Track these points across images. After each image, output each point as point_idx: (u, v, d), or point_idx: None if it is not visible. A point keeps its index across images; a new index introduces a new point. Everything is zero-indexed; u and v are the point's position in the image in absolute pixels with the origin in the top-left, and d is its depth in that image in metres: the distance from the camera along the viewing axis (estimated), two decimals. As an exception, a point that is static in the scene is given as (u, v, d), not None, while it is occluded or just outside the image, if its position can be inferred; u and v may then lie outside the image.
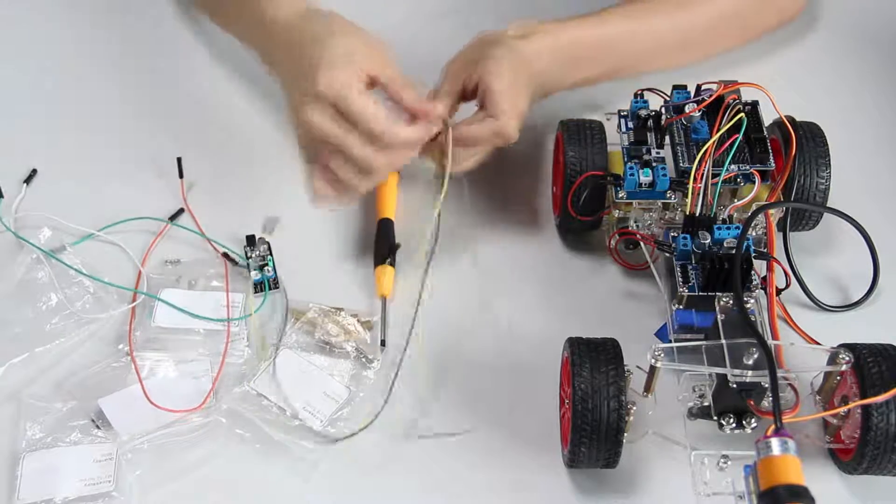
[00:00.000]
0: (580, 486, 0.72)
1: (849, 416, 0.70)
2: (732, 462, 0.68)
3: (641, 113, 0.80)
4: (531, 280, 0.83)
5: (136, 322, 0.79)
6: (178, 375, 0.76)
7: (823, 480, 0.72)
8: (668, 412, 0.71)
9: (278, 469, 0.73)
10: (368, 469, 0.73)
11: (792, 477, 0.59)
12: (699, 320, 0.73)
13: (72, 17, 1.02)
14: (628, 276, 0.83)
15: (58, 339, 0.78)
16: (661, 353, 0.67)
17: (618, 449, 0.68)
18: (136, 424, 0.73)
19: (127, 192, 0.88)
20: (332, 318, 0.79)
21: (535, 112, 0.92)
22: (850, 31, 1.02)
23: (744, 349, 0.67)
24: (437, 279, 0.83)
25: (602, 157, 0.80)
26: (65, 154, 0.91)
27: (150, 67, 0.98)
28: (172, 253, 0.84)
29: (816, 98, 0.94)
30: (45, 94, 0.96)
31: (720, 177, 0.75)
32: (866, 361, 0.68)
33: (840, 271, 0.83)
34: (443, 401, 0.76)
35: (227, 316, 0.79)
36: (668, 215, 0.79)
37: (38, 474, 0.71)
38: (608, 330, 0.72)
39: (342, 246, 0.85)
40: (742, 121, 0.76)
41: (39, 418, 0.73)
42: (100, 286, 0.81)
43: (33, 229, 0.84)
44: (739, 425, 0.69)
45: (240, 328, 0.79)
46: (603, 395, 0.67)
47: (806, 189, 0.80)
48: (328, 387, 0.76)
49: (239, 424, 0.74)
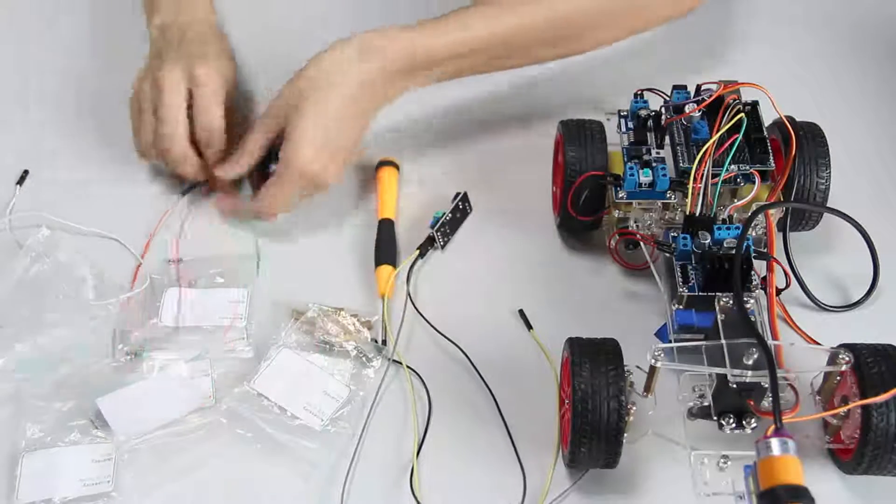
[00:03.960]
0: (580, 485, 0.72)
1: (849, 417, 0.70)
2: (732, 462, 0.68)
3: (641, 113, 0.80)
4: (531, 280, 0.83)
5: (139, 321, 0.79)
6: (179, 375, 0.76)
7: (823, 480, 0.72)
8: (668, 412, 0.71)
9: (278, 469, 0.73)
10: (368, 469, 0.73)
11: (792, 477, 0.59)
12: (699, 320, 0.73)
13: (63, 15, 1.03)
14: (628, 276, 0.83)
15: (57, 338, 0.78)
16: (661, 353, 0.67)
17: (618, 449, 0.68)
18: (135, 424, 0.73)
19: (122, 190, 0.88)
20: (332, 318, 0.79)
21: (535, 112, 0.92)
22: (849, 31, 1.02)
23: (744, 349, 0.67)
24: (436, 279, 0.83)
25: (602, 157, 0.80)
26: (55, 154, 0.91)
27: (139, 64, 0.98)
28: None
29: (816, 98, 0.94)
30: (36, 94, 0.96)
31: (720, 177, 0.75)
32: (866, 361, 0.68)
33: (840, 271, 0.83)
34: (442, 400, 0.76)
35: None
36: (668, 215, 0.79)
37: (37, 474, 0.71)
38: (608, 330, 0.72)
39: (342, 246, 0.85)
40: (742, 121, 0.76)
41: (39, 418, 0.73)
42: (100, 284, 0.80)
43: (30, 229, 0.84)
44: (739, 425, 0.69)
45: (243, 326, 0.79)
46: (603, 395, 0.67)
47: (806, 189, 0.80)
48: (328, 386, 0.76)
49: (239, 424, 0.74)
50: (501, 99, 0.95)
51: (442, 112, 0.93)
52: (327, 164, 0.80)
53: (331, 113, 0.79)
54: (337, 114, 0.79)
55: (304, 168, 0.79)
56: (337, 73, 0.79)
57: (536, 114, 0.92)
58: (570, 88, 0.94)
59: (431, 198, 0.88)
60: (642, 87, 0.83)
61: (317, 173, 0.79)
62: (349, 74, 0.79)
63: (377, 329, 0.79)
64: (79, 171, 0.90)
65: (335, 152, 0.80)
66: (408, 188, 0.88)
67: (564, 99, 0.92)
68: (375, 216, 0.86)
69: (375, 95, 0.81)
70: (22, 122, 0.94)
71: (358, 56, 0.79)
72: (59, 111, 0.94)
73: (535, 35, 0.83)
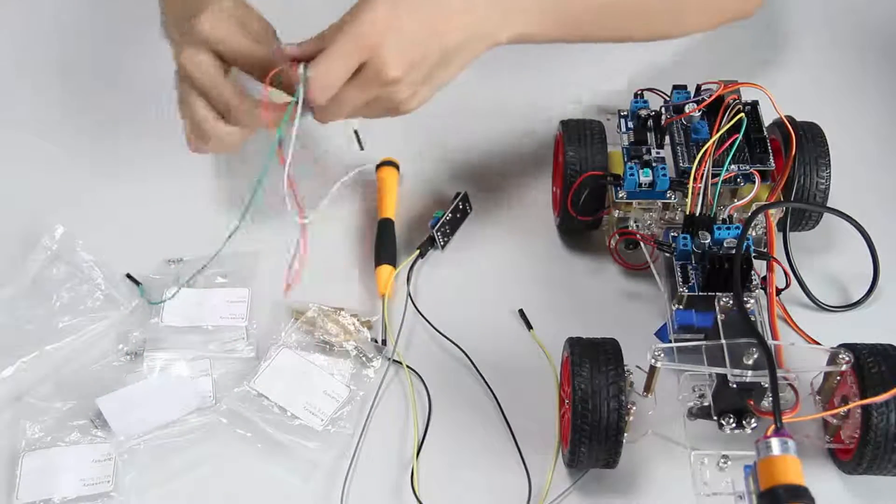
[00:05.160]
0: (580, 485, 0.72)
1: (849, 416, 0.70)
2: (732, 462, 0.68)
3: (641, 113, 0.80)
4: (531, 280, 0.83)
5: (142, 321, 0.79)
6: (179, 375, 0.76)
7: (823, 480, 0.72)
8: (668, 412, 0.71)
9: (278, 469, 0.73)
10: (369, 469, 0.73)
11: (792, 477, 0.59)
12: (699, 320, 0.73)
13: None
14: (628, 276, 0.83)
15: (68, 337, 0.78)
16: (661, 353, 0.67)
17: (618, 449, 0.68)
18: (135, 424, 0.73)
19: (128, 189, 0.88)
20: (332, 318, 0.79)
21: (535, 112, 0.92)
22: (849, 32, 1.02)
23: (744, 349, 0.67)
24: (436, 279, 0.83)
25: (602, 157, 0.80)
26: (61, 155, 0.91)
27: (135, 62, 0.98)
28: (174, 251, 0.84)
29: (816, 98, 0.94)
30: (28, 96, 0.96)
31: (720, 177, 0.75)
32: (866, 361, 0.68)
33: (840, 271, 0.83)
34: (442, 401, 0.76)
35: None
36: (668, 215, 0.79)
37: (37, 474, 0.71)
38: (608, 330, 0.72)
39: (342, 246, 0.85)
40: (742, 121, 0.76)
41: (39, 418, 0.73)
42: (111, 284, 0.81)
43: (46, 226, 0.84)
44: (739, 425, 0.69)
45: (243, 326, 0.79)
46: (603, 395, 0.67)
47: (806, 189, 0.80)
48: (328, 386, 0.76)
49: (239, 424, 0.74)
50: (501, 98, 0.95)
51: (442, 112, 0.93)
52: (417, 82, 0.71)
53: (434, 26, 0.69)
54: (440, 27, 0.70)
55: (389, 76, 0.68)
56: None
57: (536, 114, 0.92)
58: (570, 88, 0.94)
59: (431, 198, 0.88)
60: (642, 87, 0.83)
61: (400, 88, 0.70)
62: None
63: (377, 329, 0.79)
64: (84, 170, 0.90)
65: (430, 72, 0.71)
66: (408, 188, 0.88)
67: (564, 99, 0.92)
68: (375, 216, 0.86)
69: (487, 25, 0.72)
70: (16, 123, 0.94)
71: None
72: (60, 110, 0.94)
73: (645, 5, 0.79)
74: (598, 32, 0.80)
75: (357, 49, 0.68)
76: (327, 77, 0.68)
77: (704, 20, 0.87)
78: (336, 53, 0.68)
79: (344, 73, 0.69)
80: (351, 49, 0.68)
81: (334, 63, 0.68)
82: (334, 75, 0.68)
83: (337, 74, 0.69)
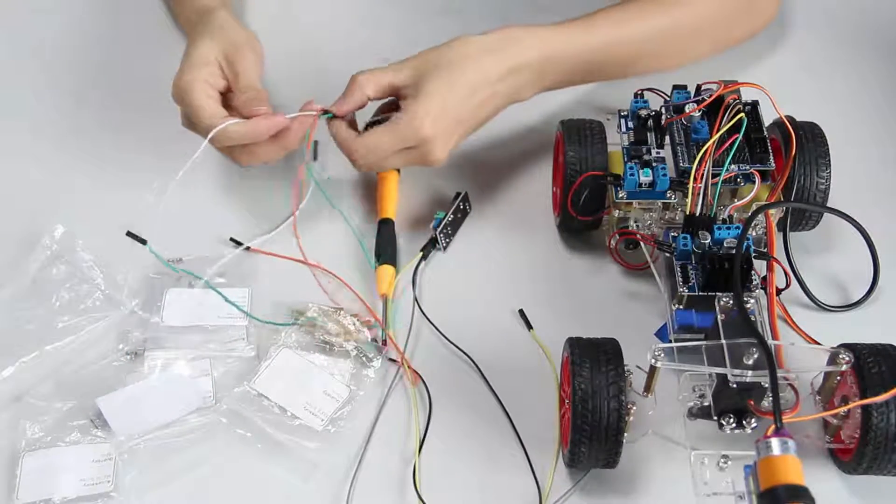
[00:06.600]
0: (580, 485, 0.72)
1: (849, 416, 0.70)
2: (732, 462, 0.68)
3: (641, 113, 0.80)
4: (531, 280, 0.83)
5: (142, 321, 0.79)
6: (179, 375, 0.76)
7: (823, 480, 0.72)
8: (668, 412, 0.71)
9: (278, 469, 0.73)
10: (369, 468, 0.73)
11: (792, 477, 0.59)
12: (699, 320, 0.73)
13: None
14: (628, 276, 0.83)
15: (68, 337, 0.78)
16: (661, 353, 0.67)
17: (618, 449, 0.68)
18: (135, 424, 0.73)
19: (126, 192, 0.88)
20: (332, 318, 0.79)
21: (535, 112, 0.92)
22: (849, 32, 1.02)
23: (744, 349, 0.67)
24: (436, 279, 0.83)
25: (602, 157, 0.80)
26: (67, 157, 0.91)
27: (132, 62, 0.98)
28: (174, 251, 0.84)
29: (816, 98, 0.94)
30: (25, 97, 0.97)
31: (720, 177, 0.75)
32: (866, 361, 0.68)
33: (840, 271, 0.83)
34: (442, 400, 0.76)
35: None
36: (668, 215, 0.79)
37: (37, 474, 0.71)
38: (608, 330, 0.72)
39: (342, 246, 0.85)
40: (742, 121, 0.76)
41: (39, 418, 0.73)
42: (111, 284, 0.81)
43: (46, 226, 0.83)
44: (739, 425, 0.69)
45: (243, 326, 0.79)
46: (603, 395, 0.67)
47: (806, 189, 0.80)
48: (329, 386, 0.76)
49: (239, 424, 0.74)
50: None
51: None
52: (441, 135, 0.78)
53: (462, 90, 0.78)
54: (467, 93, 0.78)
55: (420, 128, 0.77)
56: (479, 55, 0.79)
57: (536, 114, 0.92)
58: (570, 88, 0.94)
59: (431, 198, 0.88)
60: (642, 87, 0.83)
61: (429, 139, 0.77)
62: (489, 62, 0.79)
63: (377, 329, 0.79)
64: (81, 174, 0.90)
65: (453, 128, 0.79)
66: (407, 188, 0.88)
67: (564, 99, 0.92)
68: (375, 216, 0.86)
69: (509, 88, 0.81)
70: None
71: (500, 46, 0.80)
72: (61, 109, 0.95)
73: (637, 48, 0.85)
74: (616, 72, 0.87)
75: (404, 140, 0.78)
76: (376, 152, 0.78)
77: (716, 48, 0.91)
78: (388, 143, 0.78)
79: (391, 153, 0.78)
80: (400, 140, 0.78)
81: (384, 145, 0.78)
82: (383, 151, 0.78)
83: (385, 151, 0.78)
